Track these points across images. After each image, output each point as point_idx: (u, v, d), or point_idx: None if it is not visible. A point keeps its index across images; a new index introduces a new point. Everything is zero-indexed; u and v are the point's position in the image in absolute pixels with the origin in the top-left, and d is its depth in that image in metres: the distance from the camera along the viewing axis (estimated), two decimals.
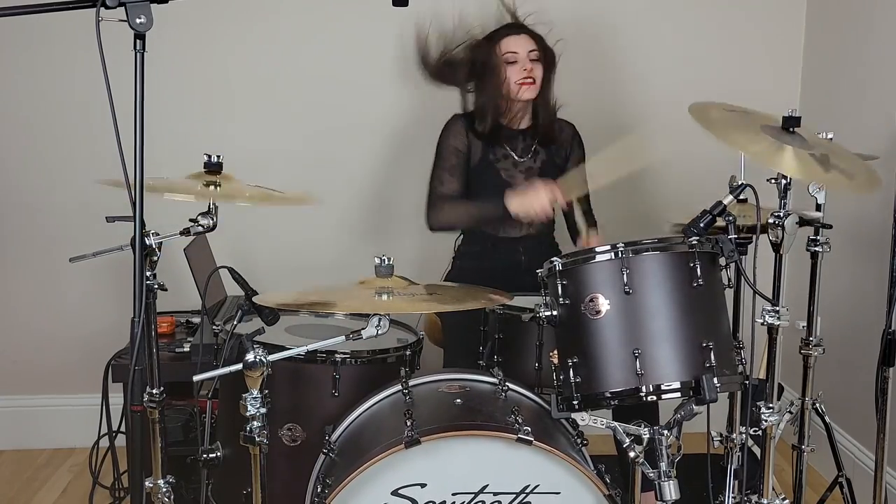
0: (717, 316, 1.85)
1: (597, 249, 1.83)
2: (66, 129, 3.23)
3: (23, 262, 3.31)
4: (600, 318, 1.80)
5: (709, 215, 1.86)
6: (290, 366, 2.12)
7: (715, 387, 1.76)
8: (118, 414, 2.69)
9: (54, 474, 3.17)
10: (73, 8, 1.52)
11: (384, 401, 2.06)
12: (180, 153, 2.18)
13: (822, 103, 3.24)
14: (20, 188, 3.27)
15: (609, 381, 1.79)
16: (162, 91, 3.07)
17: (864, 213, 2.86)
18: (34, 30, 3.14)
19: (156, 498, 1.92)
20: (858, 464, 2.89)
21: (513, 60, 2.64)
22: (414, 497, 1.81)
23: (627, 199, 3.42)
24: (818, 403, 2.41)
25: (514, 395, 2.05)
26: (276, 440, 2.13)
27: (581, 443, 2.00)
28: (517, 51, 2.64)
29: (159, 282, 1.84)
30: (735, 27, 3.37)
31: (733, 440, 2.25)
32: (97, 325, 3.27)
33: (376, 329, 1.84)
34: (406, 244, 3.31)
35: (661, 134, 3.39)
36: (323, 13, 3.25)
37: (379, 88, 3.30)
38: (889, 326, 2.05)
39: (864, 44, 2.97)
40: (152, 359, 1.86)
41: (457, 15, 2.79)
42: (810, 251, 2.30)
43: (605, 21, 3.32)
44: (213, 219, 1.95)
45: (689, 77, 3.36)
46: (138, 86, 1.55)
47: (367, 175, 3.36)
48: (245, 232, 3.21)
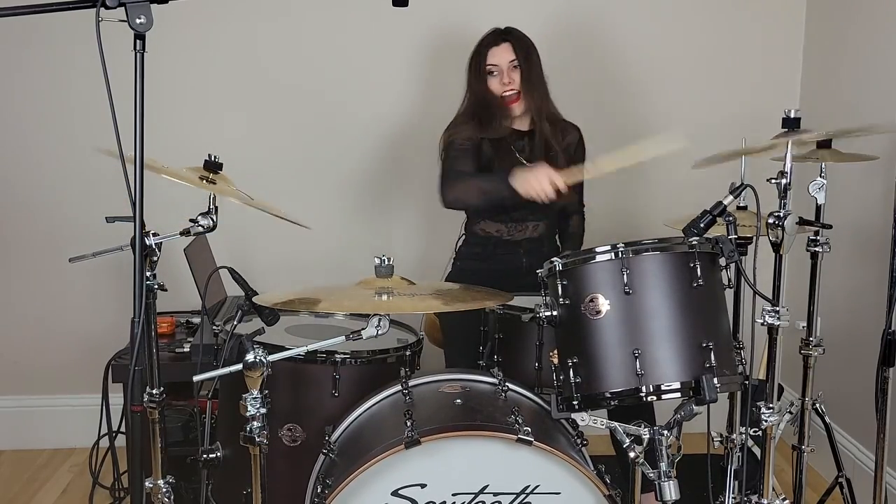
0: (717, 316, 1.85)
1: (597, 250, 1.83)
2: (66, 129, 3.23)
3: (23, 262, 3.31)
4: (600, 319, 1.80)
5: (709, 215, 1.86)
6: (290, 366, 2.12)
7: (715, 387, 1.76)
8: (118, 414, 2.69)
9: (54, 474, 3.17)
10: (73, 8, 1.52)
11: (384, 401, 2.06)
12: (180, 153, 2.18)
13: (822, 103, 3.24)
14: (20, 188, 3.27)
15: (609, 381, 1.79)
16: (162, 91, 3.07)
17: (864, 214, 2.86)
18: (34, 30, 3.14)
19: (156, 498, 1.92)
20: (858, 464, 2.89)
21: (495, 73, 2.66)
22: (414, 497, 1.81)
23: (628, 198, 3.43)
24: (818, 403, 2.41)
25: (514, 396, 2.05)
26: (276, 440, 2.13)
27: (581, 443, 2.00)
28: (497, 63, 2.65)
29: (159, 282, 1.84)
30: (735, 27, 3.37)
31: (733, 440, 2.25)
32: (97, 325, 3.27)
33: (376, 329, 1.84)
34: (406, 244, 3.31)
35: (661, 133, 3.41)
36: (324, 13, 3.25)
37: (380, 89, 3.30)
38: (889, 326, 2.05)
39: (864, 43, 2.97)
40: (152, 359, 1.86)
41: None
42: (810, 251, 2.30)
43: (604, 21, 3.32)
44: (212, 219, 1.95)
45: (690, 77, 3.37)
46: (138, 86, 1.55)
47: (367, 175, 3.36)
48: (245, 232, 3.21)
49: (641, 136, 3.37)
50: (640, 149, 2.33)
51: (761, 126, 2.40)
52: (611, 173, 2.37)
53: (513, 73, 2.65)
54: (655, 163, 3.38)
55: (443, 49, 3.29)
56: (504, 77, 2.65)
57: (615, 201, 3.38)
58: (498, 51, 2.65)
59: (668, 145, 2.21)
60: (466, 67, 2.72)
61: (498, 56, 2.65)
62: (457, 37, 3.25)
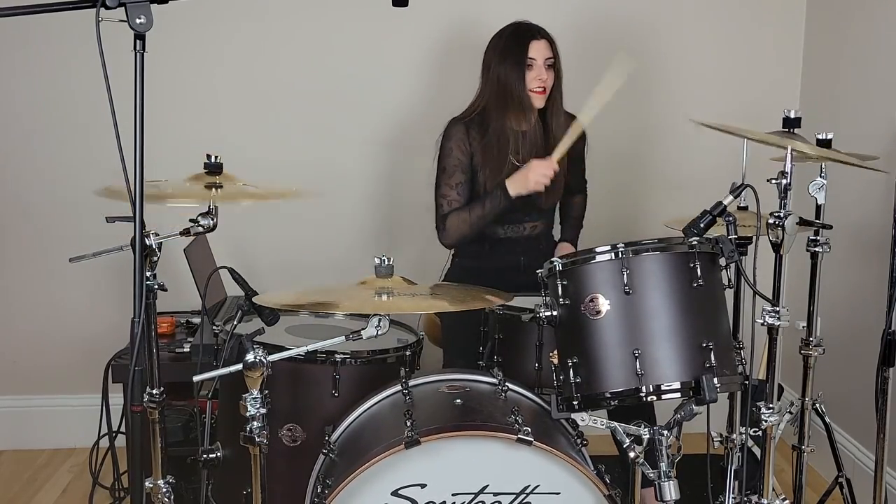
0: (717, 316, 1.85)
1: (597, 250, 1.83)
2: (66, 129, 3.23)
3: (23, 262, 3.31)
4: (600, 319, 1.80)
5: (709, 215, 1.86)
6: (290, 366, 2.12)
7: (715, 387, 1.76)
8: (118, 414, 2.69)
9: (54, 474, 3.17)
10: (73, 8, 1.52)
11: (384, 401, 2.06)
12: (180, 153, 2.19)
13: (822, 103, 3.24)
14: (20, 188, 3.27)
15: (609, 381, 1.79)
16: (162, 91, 3.07)
17: (864, 214, 2.86)
18: (34, 30, 3.14)
19: (156, 498, 1.92)
20: (858, 464, 2.89)
21: (530, 66, 2.63)
22: (414, 497, 1.81)
23: (628, 198, 3.43)
24: (818, 403, 2.41)
25: (514, 396, 2.05)
26: (276, 440, 2.13)
27: (581, 443, 2.00)
28: (536, 57, 2.62)
29: (159, 282, 1.84)
30: (735, 27, 3.37)
31: (733, 440, 2.25)
32: (97, 325, 3.27)
33: (376, 329, 1.84)
34: (406, 244, 3.31)
35: (661, 134, 3.41)
36: (326, 14, 3.25)
37: (380, 89, 3.30)
38: (889, 326, 2.05)
39: (865, 44, 2.97)
40: (152, 359, 1.86)
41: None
42: (810, 251, 2.30)
43: (604, 22, 3.32)
44: (213, 219, 1.95)
45: (689, 77, 3.37)
46: (138, 86, 1.55)
47: (367, 175, 3.36)
48: (245, 232, 3.21)
49: (641, 135, 3.40)
50: (606, 84, 2.48)
51: (761, 126, 2.39)
52: (600, 108, 2.51)
53: (548, 70, 2.64)
54: (655, 162, 3.41)
55: (444, 49, 3.29)
56: (541, 73, 2.62)
57: (615, 201, 3.38)
58: (538, 45, 2.63)
59: (622, 69, 2.45)
60: (494, 56, 2.66)
61: (536, 50, 2.62)
62: (458, 36, 3.26)
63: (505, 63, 2.63)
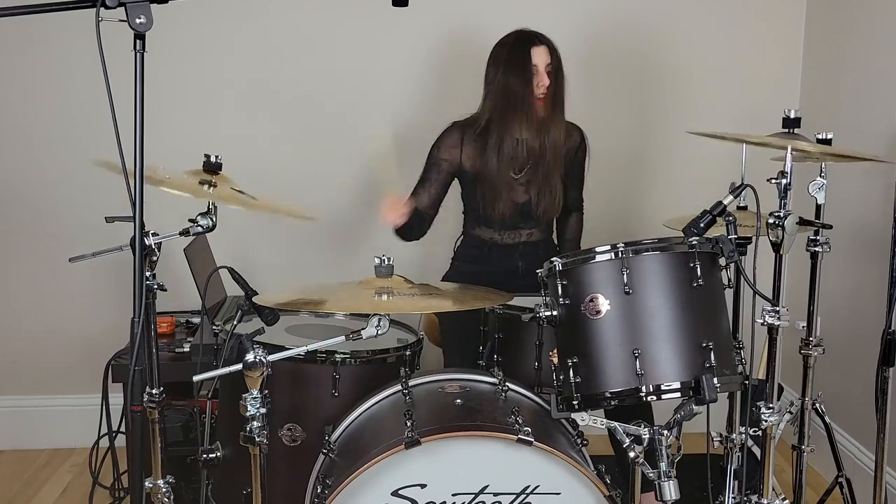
0: (717, 316, 1.85)
1: (597, 249, 1.83)
2: (66, 129, 3.22)
3: (23, 261, 3.31)
4: (600, 318, 1.80)
5: (709, 215, 1.86)
6: (290, 366, 2.12)
7: (715, 387, 1.76)
8: (118, 414, 2.69)
9: (54, 474, 3.17)
10: (73, 8, 1.52)
11: (384, 401, 2.06)
12: (180, 154, 2.18)
13: (822, 103, 3.24)
14: (20, 188, 3.26)
15: (609, 381, 1.79)
16: (162, 91, 3.07)
17: (864, 214, 2.86)
18: (34, 30, 3.14)
19: (156, 498, 1.92)
20: (858, 464, 2.89)
21: (534, 73, 2.62)
22: (414, 498, 1.81)
23: (628, 198, 3.43)
24: (818, 403, 2.41)
25: (514, 396, 2.05)
26: (276, 440, 2.13)
27: (581, 443, 2.00)
28: (537, 63, 2.61)
29: (159, 282, 1.84)
30: (735, 27, 3.37)
31: (733, 440, 2.25)
32: (97, 325, 3.27)
33: (376, 329, 1.84)
34: (406, 244, 3.30)
35: (661, 134, 3.41)
36: (326, 13, 3.25)
37: (380, 89, 3.30)
38: (889, 326, 2.05)
39: (865, 44, 2.97)
40: (152, 359, 1.86)
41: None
42: (810, 251, 2.30)
43: (603, 23, 3.32)
44: (212, 219, 1.95)
45: (689, 77, 3.36)
46: (138, 86, 1.55)
47: (367, 175, 3.36)
48: (245, 232, 3.21)
49: (641, 135, 3.41)
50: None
51: (761, 126, 2.40)
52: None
53: (548, 76, 2.63)
54: (655, 163, 3.41)
55: (445, 51, 3.29)
56: (543, 79, 2.62)
57: (615, 201, 3.38)
58: (538, 51, 2.62)
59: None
60: (499, 65, 2.65)
61: (538, 56, 2.62)
62: (459, 38, 3.26)
63: (510, 71, 2.62)
